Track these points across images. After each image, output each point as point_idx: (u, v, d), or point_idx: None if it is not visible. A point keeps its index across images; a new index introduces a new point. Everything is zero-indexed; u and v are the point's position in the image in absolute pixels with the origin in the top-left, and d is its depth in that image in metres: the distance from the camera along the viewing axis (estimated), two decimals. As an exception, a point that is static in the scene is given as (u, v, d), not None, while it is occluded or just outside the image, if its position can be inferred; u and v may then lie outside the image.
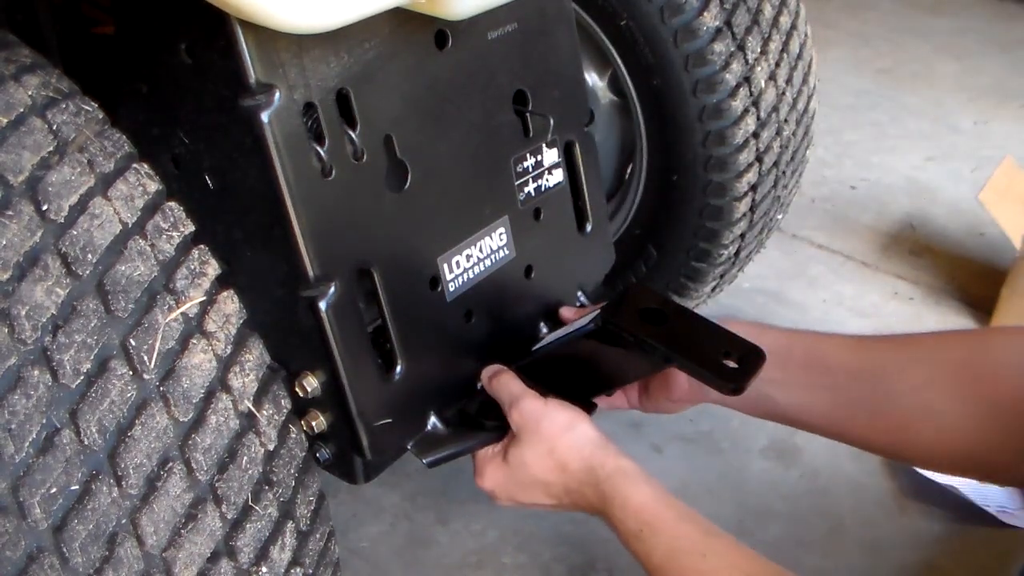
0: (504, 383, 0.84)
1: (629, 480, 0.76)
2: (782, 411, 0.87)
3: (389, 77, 0.75)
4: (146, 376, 0.56)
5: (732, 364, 0.76)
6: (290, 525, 0.66)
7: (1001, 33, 2.90)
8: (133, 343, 0.56)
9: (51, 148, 0.57)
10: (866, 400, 0.82)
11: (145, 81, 0.73)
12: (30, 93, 0.58)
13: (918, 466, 0.84)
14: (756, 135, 1.16)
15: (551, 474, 0.79)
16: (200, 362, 0.60)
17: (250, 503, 0.62)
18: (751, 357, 0.76)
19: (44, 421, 0.51)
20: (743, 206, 1.21)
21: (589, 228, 1.00)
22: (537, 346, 0.92)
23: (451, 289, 0.83)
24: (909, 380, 0.80)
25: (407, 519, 1.22)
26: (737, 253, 1.31)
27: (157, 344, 0.57)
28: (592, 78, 1.23)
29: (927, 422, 0.79)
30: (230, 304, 0.64)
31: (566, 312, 0.97)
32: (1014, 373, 0.76)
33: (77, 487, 0.52)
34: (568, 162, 0.97)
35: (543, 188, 0.93)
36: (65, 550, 0.51)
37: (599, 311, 0.81)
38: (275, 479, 0.64)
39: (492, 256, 0.88)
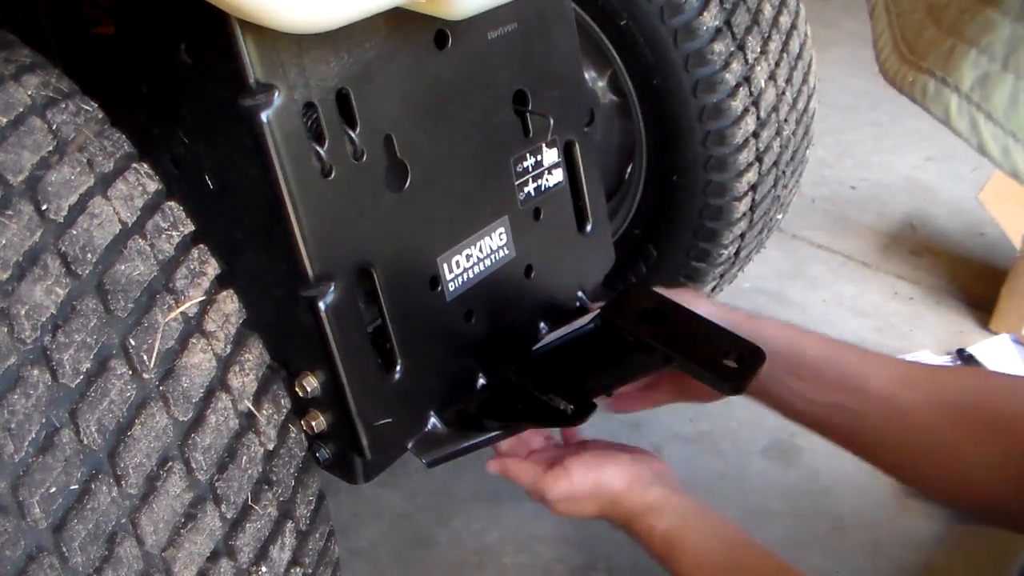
0: (516, 475, 0.90)
1: (655, 513, 0.81)
2: (800, 418, 0.86)
3: (389, 77, 0.74)
4: (146, 376, 0.56)
5: (732, 364, 0.76)
6: (290, 525, 0.66)
7: (1001, 33, 2.90)
8: (133, 343, 0.56)
9: (51, 148, 0.56)
10: (892, 431, 0.80)
11: (145, 81, 0.73)
12: (30, 93, 0.58)
13: (941, 503, 0.82)
14: (756, 135, 1.16)
15: (596, 515, 0.88)
16: (200, 361, 0.60)
17: (250, 503, 0.62)
18: (751, 357, 0.76)
19: (44, 420, 0.51)
20: (743, 206, 1.21)
21: (589, 228, 1.00)
22: (537, 346, 0.92)
23: (451, 289, 0.83)
24: (935, 419, 0.77)
25: (407, 519, 1.22)
26: (737, 253, 1.31)
27: (157, 344, 0.57)
28: (592, 78, 1.23)
29: (953, 465, 0.77)
30: (230, 304, 0.64)
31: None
32: None
33: (77, 487, 0.52)
34: (568, 162, 0.96)
35: (543, 188, 0.93)
36: (65, 550, 0.51)
37: (599, 311, 0.81)
38: (275, 479, 0.64)
39: (492, 256, 0.88)
